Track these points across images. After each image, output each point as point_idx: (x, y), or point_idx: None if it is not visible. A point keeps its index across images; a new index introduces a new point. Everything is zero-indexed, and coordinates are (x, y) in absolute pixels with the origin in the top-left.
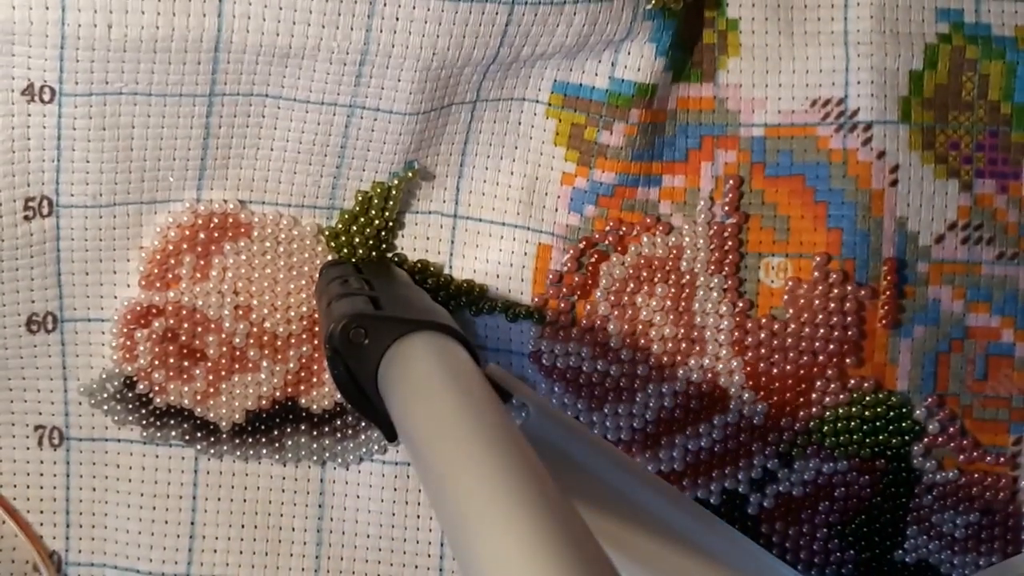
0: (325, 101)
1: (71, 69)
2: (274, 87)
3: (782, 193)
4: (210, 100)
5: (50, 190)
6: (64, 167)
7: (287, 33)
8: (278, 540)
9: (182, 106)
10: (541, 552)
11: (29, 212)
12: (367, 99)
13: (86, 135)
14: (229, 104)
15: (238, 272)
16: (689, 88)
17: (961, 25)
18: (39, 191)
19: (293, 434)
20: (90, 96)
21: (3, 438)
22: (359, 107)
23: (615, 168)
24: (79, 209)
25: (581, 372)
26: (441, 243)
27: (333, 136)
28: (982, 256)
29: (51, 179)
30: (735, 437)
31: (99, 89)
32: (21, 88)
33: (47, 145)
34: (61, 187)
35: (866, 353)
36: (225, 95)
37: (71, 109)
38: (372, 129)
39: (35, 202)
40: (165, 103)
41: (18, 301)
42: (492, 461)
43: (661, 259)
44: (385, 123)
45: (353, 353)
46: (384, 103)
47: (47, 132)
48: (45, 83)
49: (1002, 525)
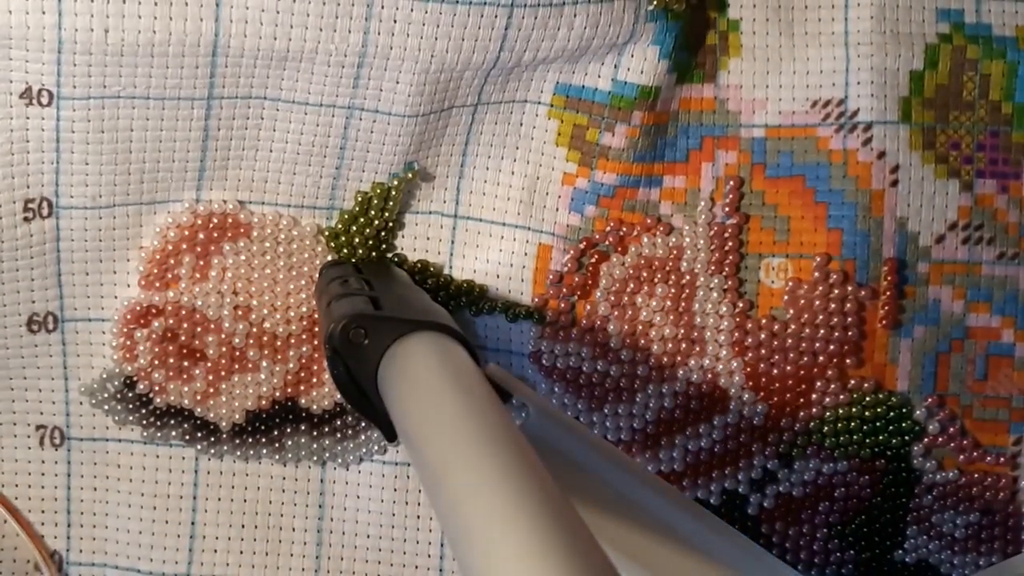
0: (324, 103)
1: (69, 73)
2: (272, 90)
3: (782, 194)
4: (208, 103)
5: (50, 192)
6: (63, 169)
7: (285, 37)
8: (278, 540)
9: (180, 109)
10: (541, 552)
11: (29, 213)
12: (366, 101)
13: (85, 137)
14: (228, 107)
15: (238, 272)
16: (691, 89)
17: (962, 25)
18: (39, 193)
19: (293, 434)
20: (88, 100)
21: (4, 438)
22: (358, 109)
23: (616, 169)
24: (79, 210)
25: (581, 372)
26: (441, 243)
27: (332, 137)
28: (983, 256)
29: (51, 181)
30: (735, 437)
31: (97, 93)
32: (19, 91)
33: (46, 147)
34: (61, 189)
35: (866, 353)
36: (224, 98)
37: (69, 112)
38: (371, 131)
39: (35, 203)
40: (164, 106)
41: (19, 301)
42: (492, 461)
43: (661, 259)
44: (384, 125)
45: (353, 353)
46: (383, 105)
47: (46, 135)
48: (43, 87)
49: (1002, 525)
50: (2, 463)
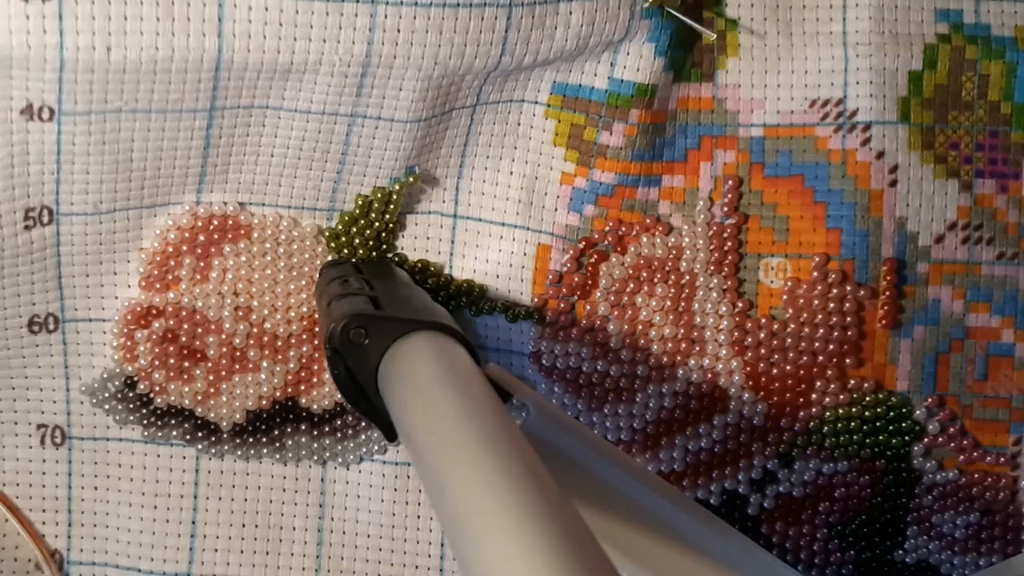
0: (327, 111)
1: (70, 90)
2: (275, 99)
3: (781, 193)
4: (211, 114)
5: (50, 200)
6: (64, 179)
7: (288, 50)
8: (279, 540)
9: (183, 120)
10: (541, 552)
11: (29, 222)
12: (368, 108)
13: (86, 149)
14: (230, 116)
15: (238, 273)
16: (688, 88)
17: (961, 25)
18: (39, 202)
19: (293, 434)
20: (89, 115)
21: (6, 436)
22: (360, 116)
23: (615, 168)
24: (79, 216)
25: (581, 372)
26: (441, 243)
27: (334, 144)
28: (982, 256)
29: (51, 191)
30: (735, 437)
31: (99, 108)
32: (20, 108)
33: (47, 159)
34: (61, 197)
35: (866, 353)
36: (226, 108)
37: (71, 127)
38: (373, 137)
39: (35, 212)
40: (165, 119)
41: (19, 304)
42: (492, 461)
43: (661, 259)
44: (387, 131)
45: (353, 353)
46: (386, 112)
47: (46, 148)
48: (44, 104)
49: (1002, 525)
50: (3, 462)
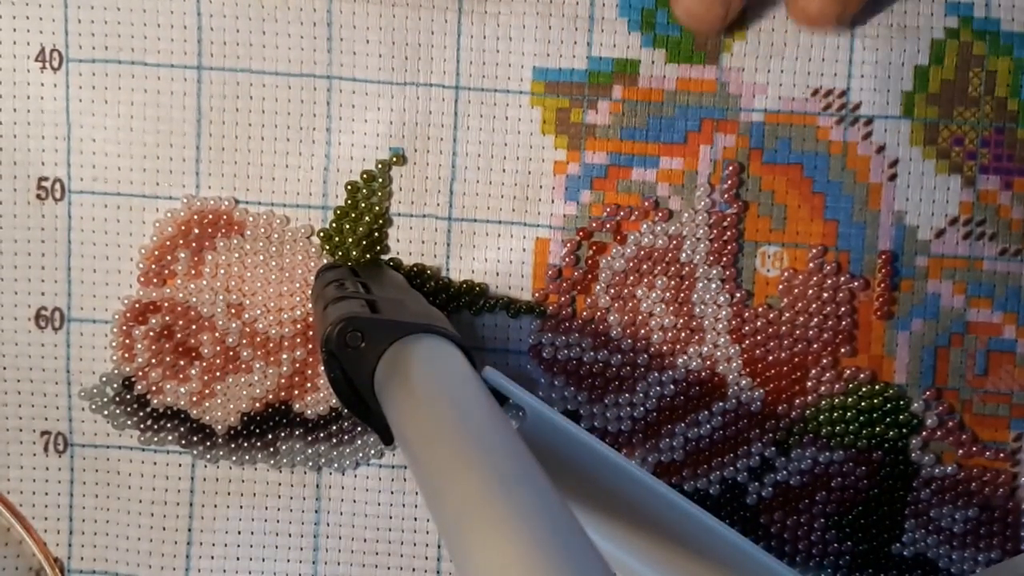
0: (303, 72)
1: (75, 31)
2: (256, 61)
3: (779, 181)
4: (199, 73)
5: (62, 172)
6: (73, 147)
7: None
8: (275, 545)
9: (174, 80)
10: (537, 556)
11: (42, 192)
12: (342, 68)
13: (91, 108)
14: (217, 81)
15: (230, 269)
16: (691, 70)
17: (970, 19)
18: (52, 172)
19: (287, 439)
20: (93, 63)
21: (11, 444)
22: (336, 77)
23: (606, 148)
24: (88, 195)
25: (582, 364)
26: (437, 246)
27: (317, 113)
28: (984, 252)
29: (63, 160)
30: (734, 424)
31: (100, 56)
32: (35, 54)
33: (58, 120)
34: (72, 170)
35: (860, 344)
36: (212, 68)
37: (76, 78)
38: (352, 105)
39: (48, 182)
40: (159, 76)
41: (29, 291)
42: (489, 464)
43: (661, 251)
44: (363, 96)
45: (349, 356)
46: (359, 72)
47: (57, 104)
48: (54, 47)
49: (1001, 521)
50: (8, 469)
